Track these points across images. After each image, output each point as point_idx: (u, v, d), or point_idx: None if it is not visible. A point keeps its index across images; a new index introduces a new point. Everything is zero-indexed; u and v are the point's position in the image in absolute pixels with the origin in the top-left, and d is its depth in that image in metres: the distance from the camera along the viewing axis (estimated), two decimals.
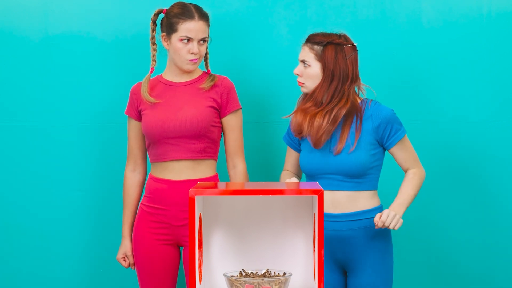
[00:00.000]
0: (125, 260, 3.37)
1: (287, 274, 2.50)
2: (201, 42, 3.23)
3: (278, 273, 2.53)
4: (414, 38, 3.68)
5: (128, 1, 3.71)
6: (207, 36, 3.25)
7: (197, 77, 3.31)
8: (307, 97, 3.15)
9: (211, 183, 2.75)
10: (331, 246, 3.08)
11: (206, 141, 3.24)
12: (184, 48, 3.22)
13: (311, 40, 3.14)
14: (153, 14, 3.32)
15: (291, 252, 2.60)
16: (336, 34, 3.14)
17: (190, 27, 3.21)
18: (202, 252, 2.54)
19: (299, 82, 3.16)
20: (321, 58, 3.11)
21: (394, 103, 3.50)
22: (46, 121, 3.71)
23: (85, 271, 3.74)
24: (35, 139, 3.71)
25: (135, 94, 3.32)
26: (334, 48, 3.10)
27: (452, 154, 3.70)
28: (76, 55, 3.71)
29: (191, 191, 2.32)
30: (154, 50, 3.35)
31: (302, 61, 3.14)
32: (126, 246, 3.36)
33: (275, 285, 2.43)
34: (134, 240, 3.30)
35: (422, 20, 3.69)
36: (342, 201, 3.08)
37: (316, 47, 3.11)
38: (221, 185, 2.57)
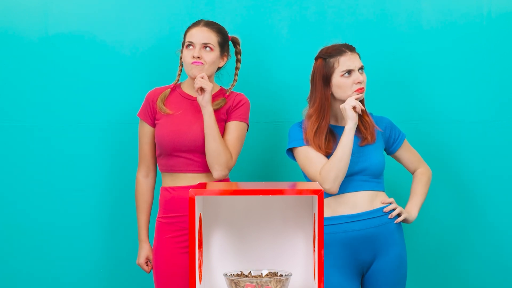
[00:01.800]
0: (147, 265, 3.35)
1: (287, 274, 2.50)
2: (206, 48, 3.23)
3: (278, 273, 2.53)
4: (413, 39, 3.68)
5: (128, 1, 3.71)
6: (211, 43, 3.24)
7: (214, 94, 3.30)
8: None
9: (211, 183, 2.75)
10: (354, 247, 3.10)
11: None
12: (188, 54, 3.23)
13: (355, 48, 3.18)
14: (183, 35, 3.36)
15: (291, 252, 2.60)
16: None
17: (192, 33, 3.25)
18: (202, 252, 2.54)
19: (362, 89, 3.14)
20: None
21: (393, 104, 3.50)
22: (45, 121, 3.70)
23: (90, 273, 3.74)
24: (34, 139, 3.70)
25: (152, 100, 3.31)
26: None
27: (451, 155, 3.70)
28: (75, 55, 3.70)
29: (191, 191, 2.31)
30: (180, 70, 3.36)
31: (361, 68, 3.15)
32: (147, 250, 3.33)
33: (275, 285, 2.43)
34: (156, 254, 3.27)
35: (422, 20, 3.68)
36: (363, 201, 3.12)
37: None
38: (221, 185, 2.57)
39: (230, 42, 3.37)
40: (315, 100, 3.17)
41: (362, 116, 3.16)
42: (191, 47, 3.24)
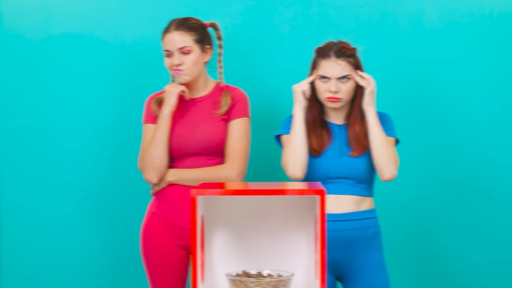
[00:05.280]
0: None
1: (289, 274, 2.49)
2: (184, 52, 3.18)
3: (280, 273, 2.53)
4: (416, 39, 3.70)
5: (130, 1, 3.71)
6: (187, 45, 3.18)
7: (211, 91, 3.29)
8: (353, 109, 3.11)
9: (213, 183, 2.74)
10: (329, 246, 3.02)
11: (222, 156, 3.23)
12: (169, 62, 3.20)
13: (346, 52, 3.05)
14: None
15: (293, 252, 2.59)
16: (345, 42, 3.10)
17: (166, 41, 3.20)
18: (204, 252, 2.54)
19: (336, 98, 3.05)
20: (357, 68, 3.06)
21: (396, 104, 3.51)
22: (47, 121, 3.71)
23: (87, 272, 3.74)
24: (37, 139, 3.71)
25: (149, 104, 3.28)
26: (358, 56, 3.09)
27: (454, 154, 3.71)
28: (78, 55, 3.71)
29: (193, 191, 2.31)
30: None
31: (342, 77, 3.04)
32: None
33: (276, 285, 2.42)
34: (144, 243, 3.26)
35: (424, 20, 3.69)
36: (346, 204, 3.07)
37: (351, 59, 3.06)
38: (223, 185, 2.57)
39: (211, 29, 3.30)
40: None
41: (353, 127, 3.10)
42: (168, 55, 3.19)
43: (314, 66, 3.11)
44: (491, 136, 3.70)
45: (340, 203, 3.06)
